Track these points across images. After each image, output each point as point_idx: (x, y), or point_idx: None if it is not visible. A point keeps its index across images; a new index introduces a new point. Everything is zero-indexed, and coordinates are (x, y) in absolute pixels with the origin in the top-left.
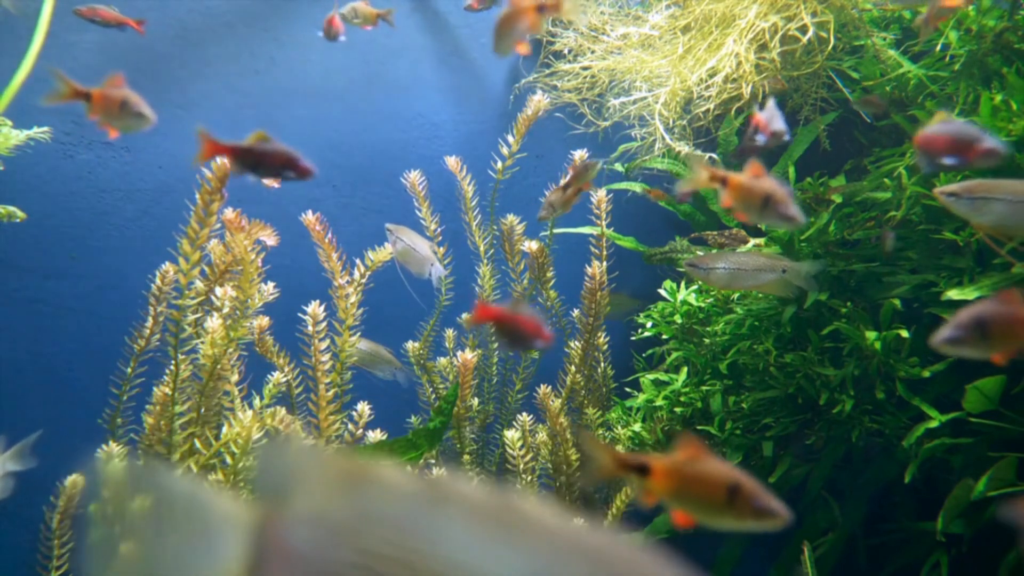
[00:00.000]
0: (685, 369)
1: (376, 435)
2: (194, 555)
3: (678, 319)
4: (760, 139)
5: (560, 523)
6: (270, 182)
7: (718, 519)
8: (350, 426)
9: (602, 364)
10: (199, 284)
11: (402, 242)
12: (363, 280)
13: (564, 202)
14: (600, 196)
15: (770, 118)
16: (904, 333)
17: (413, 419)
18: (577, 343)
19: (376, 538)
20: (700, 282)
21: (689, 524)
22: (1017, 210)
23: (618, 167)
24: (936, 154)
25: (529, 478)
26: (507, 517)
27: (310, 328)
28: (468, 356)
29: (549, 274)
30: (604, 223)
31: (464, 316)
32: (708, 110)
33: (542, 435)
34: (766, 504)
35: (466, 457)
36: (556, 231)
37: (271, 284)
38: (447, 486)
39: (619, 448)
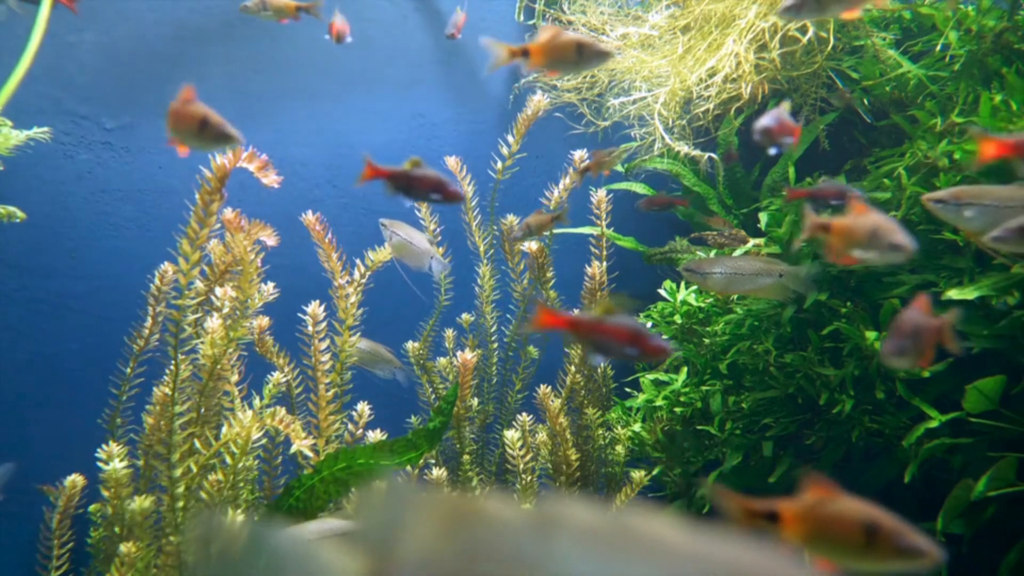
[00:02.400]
0: (685, 369)
1: (376, 435)
2: None
3: (678, 319)
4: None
5: (683, 538)
6: (270, 182)
7: (860, 561)
8: (350, 426)
9: (602, 364)
10: (199, 284)
11: (398, 236)
12: (363, 280)
13: (540, 226)
14: (600, 196)
15: (778, 117)
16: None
17: (413, 419)
18: (577, 343)
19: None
20: None
21: (832, 570)
22: (1003, 215)
23: (618, 167)
24: None
25: (529, 478)
26: (624, 538)
27: (310, 328)
28: (468, 356)
29: (549, 274)
30: (604, 223)
31: (530, 321)
32: (708, 110)
33: (542, 435)
34: (911, 543)
35: (466, 457)
36: (556, 231)
37: (271, 284)
38: (556, 511)
39: (619, 449)
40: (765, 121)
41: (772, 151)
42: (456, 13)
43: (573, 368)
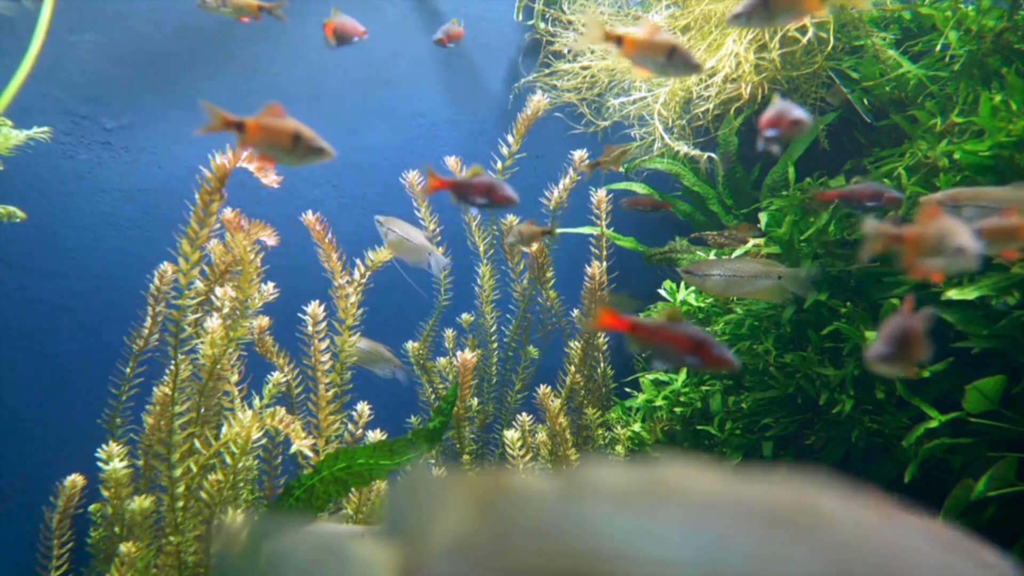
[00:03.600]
0: (685, 369)
1: (376, 435)
2: None
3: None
4: (771, 134)
5: (716, 484)
6: (270, 182)
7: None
8: (350, 426)
9: (602, 364)
10: (199, 284)
11: (394, 233)
12: (363, 280)
13: (530, 236)
14: (600, 196)
15: (784, 109)
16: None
17: (413, 419)
18: (577, 343)
19: (521, 553)
20: None
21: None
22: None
23: (618, 167)
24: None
25: None
26: (656, 491)
27: (310, 328)
28: (468, 356)
29: (549, 274)
30: (604, 223)
31: (590, 321)
32: (707, 110)
33: (542, 435)
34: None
35: (466, 457)
36: (556, 231)
37: (271, 284)
38: (583, 476)
39: (619, 449)
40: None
41: (776, 149)
42: (451, 22)
43: (573, 368)
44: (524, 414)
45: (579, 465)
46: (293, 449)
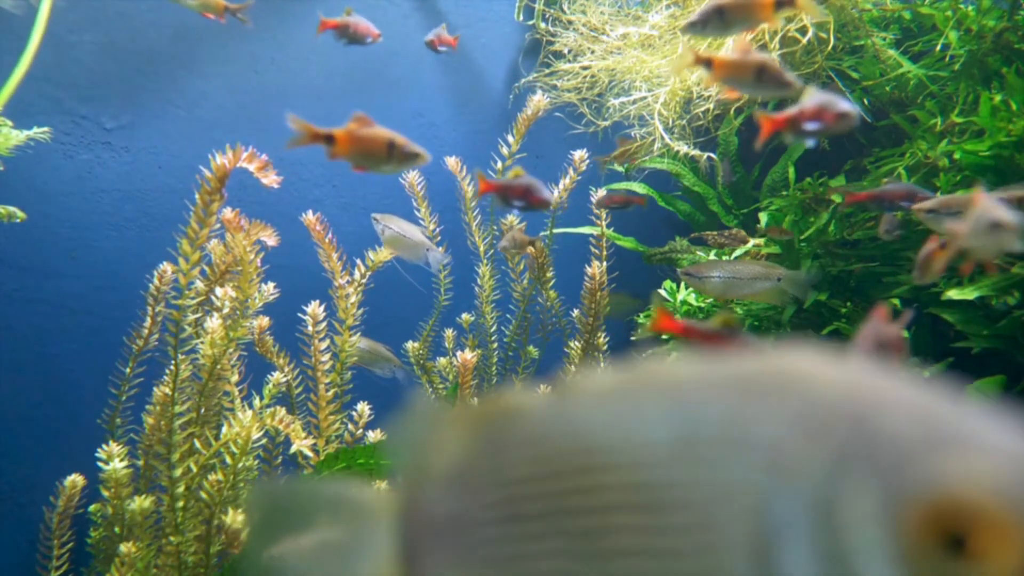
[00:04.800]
0: None
1: (376, 435)
2: (347, 562)
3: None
4: (812, 127)
5: (690, 367)
6: (270, 182)
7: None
8: (350, 426)
9: (602, 364)
10: (199, 284)
11: (391, 230)
12: (363, 280)
13: (521, 244)
14: (600, 196)
15: (829, 101)
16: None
17: None
18: (577, 343)
19: (515, 465)
20: None
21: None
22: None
23: (617, 167)
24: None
25: None
26: (638, 381)
27: (310, 328)
28: (468, 356)
29: (549, 274)
30: (604, 223)
31: (648, 324)
32: (708, 110)
33: None
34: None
35: None
36: (556, 231)
37: (271, 284)
38: (574, 381)
39: None
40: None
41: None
42: (441, 27)
43: (573, 368)
44: None
45: (573, 376)
46: (293, 449)
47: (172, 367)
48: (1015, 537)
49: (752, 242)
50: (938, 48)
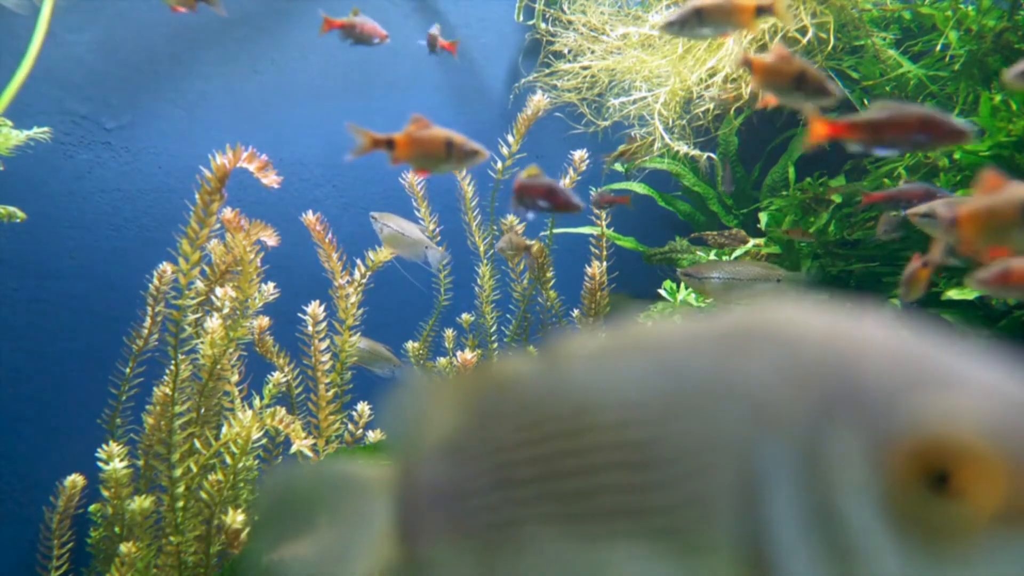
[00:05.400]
0: None
1: (376, 435)
2: (345, 539)
3: (678, 320)
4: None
5: (676, 325)
6: (270, 182)
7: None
8: (350, 426)
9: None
10: (199, 284)
11: (389, 228)
12: (363, 280)
13: (518, 249)
14: (593, 196)
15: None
16: None
17: None
18: None
19: (507, 431)
20: None
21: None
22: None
23: (618, 167)
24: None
25: None
26: (624, 341)
27: (310, 328)
28: (468, 356)
29: (549, 274)
30: (604, 223)
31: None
32: (708, 110)
33: None
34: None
35: None
36: (556, 231)
37: (271, 284)
38: (559, 348)
39: None
40: None
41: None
42: (435, 27)
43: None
44: None
45: (563, 340)
46: (293, 449)
47: (172, 367)
48: (997, 472)
49: (752, 242)
50: (938, 48)
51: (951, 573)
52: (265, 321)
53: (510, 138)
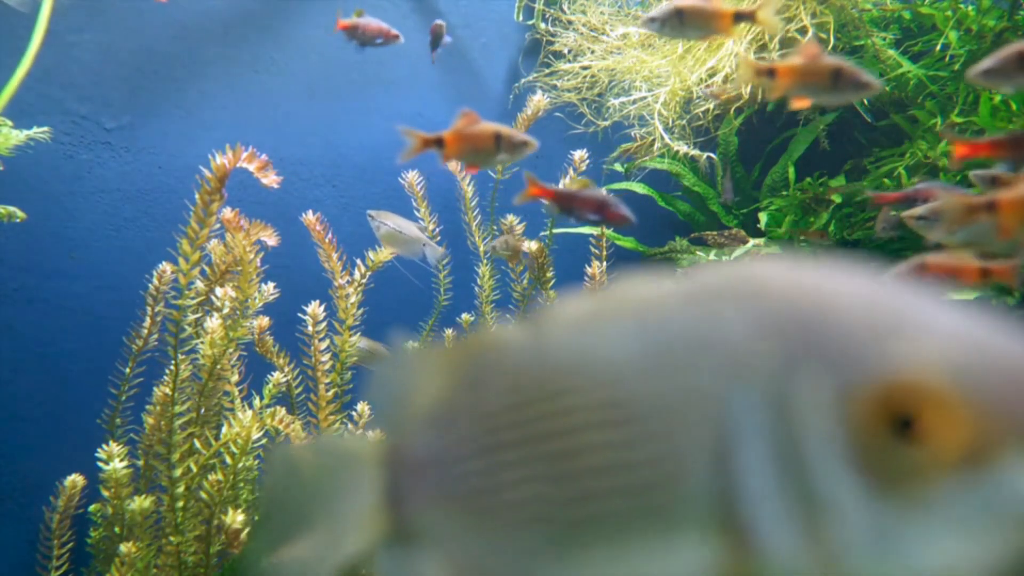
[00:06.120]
0: None
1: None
2: (335, 510)
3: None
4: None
5: (657, 285)
6: (270, 182)
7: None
8: (350, 426)
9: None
10: (199, 284)
11: (386, 226)
12: (363, 280)
13: (515, 251)
14: None
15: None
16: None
17: None
18: None
19: (493, 397)
20: None
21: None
22: (981, 229)
23: (617, 167)
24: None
25: None
26: (605, 306)
27: (310, 328)
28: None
29: (549, 274)
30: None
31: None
32: (708, 110)
33: None
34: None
35: None
36: (556, 231)
37: (271, 284)
38: (544, 313)
39: None
40: None
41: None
42: (436, 24)
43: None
44: None
45: (551, 305)
46: None
47: (172, 367)
48: (959, 416)
49: (752, 242)
50: (938, 48)
51: (915, 518)
52: (265, 321)
53: None
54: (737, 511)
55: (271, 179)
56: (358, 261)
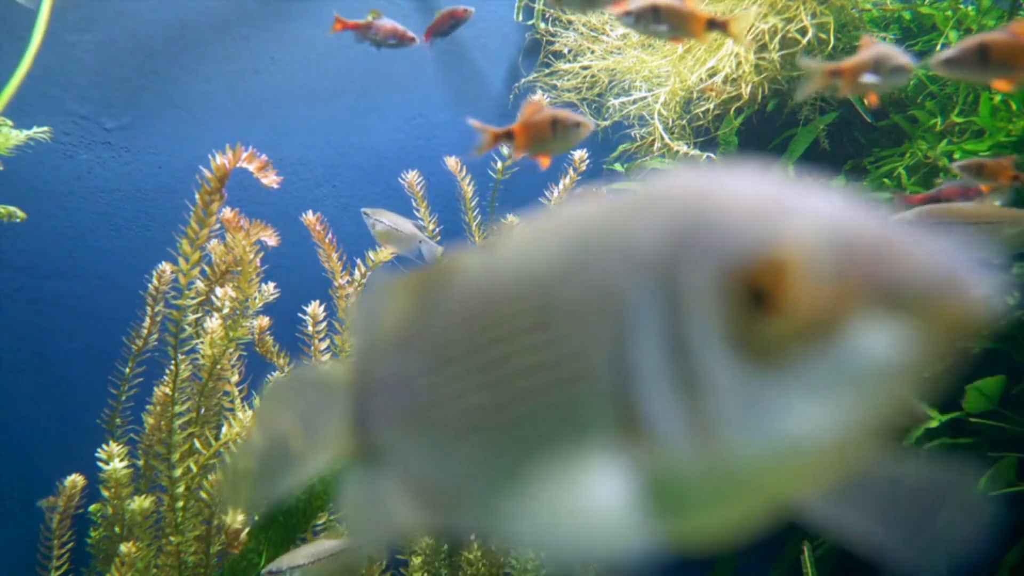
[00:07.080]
0: None
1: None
2: (307, 432)
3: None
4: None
5: (595, 204)
6: (270, 182)
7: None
8: None
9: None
10: (199, 284)
11: (382, 224)
12: (363, 280)
13: None
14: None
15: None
16: None
17: None
18: None
19: (448, 319)
20: None
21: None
22: (967, 233)
23: (617, 167)
24: None
25: None
26: (548, 222)
27: (310, 328)
28: None
29: None
30: None
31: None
32: (708, 110)
33: None
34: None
35: None
36: None
37: (271, 284)
38: (498, 239)
39: None
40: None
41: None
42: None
43: None
44: None
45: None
46: None
47: (172, 367)
48: (809, 284)
49: None
50: (938, 48)
51: (778, 387)
52: (265, 321)
53: None
54: (634, 402)
55: (271, 179)
56: (358, 261)
